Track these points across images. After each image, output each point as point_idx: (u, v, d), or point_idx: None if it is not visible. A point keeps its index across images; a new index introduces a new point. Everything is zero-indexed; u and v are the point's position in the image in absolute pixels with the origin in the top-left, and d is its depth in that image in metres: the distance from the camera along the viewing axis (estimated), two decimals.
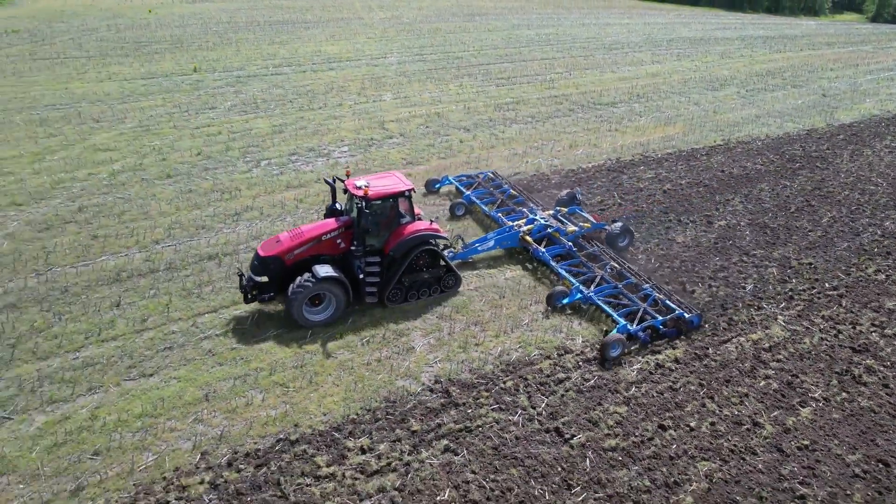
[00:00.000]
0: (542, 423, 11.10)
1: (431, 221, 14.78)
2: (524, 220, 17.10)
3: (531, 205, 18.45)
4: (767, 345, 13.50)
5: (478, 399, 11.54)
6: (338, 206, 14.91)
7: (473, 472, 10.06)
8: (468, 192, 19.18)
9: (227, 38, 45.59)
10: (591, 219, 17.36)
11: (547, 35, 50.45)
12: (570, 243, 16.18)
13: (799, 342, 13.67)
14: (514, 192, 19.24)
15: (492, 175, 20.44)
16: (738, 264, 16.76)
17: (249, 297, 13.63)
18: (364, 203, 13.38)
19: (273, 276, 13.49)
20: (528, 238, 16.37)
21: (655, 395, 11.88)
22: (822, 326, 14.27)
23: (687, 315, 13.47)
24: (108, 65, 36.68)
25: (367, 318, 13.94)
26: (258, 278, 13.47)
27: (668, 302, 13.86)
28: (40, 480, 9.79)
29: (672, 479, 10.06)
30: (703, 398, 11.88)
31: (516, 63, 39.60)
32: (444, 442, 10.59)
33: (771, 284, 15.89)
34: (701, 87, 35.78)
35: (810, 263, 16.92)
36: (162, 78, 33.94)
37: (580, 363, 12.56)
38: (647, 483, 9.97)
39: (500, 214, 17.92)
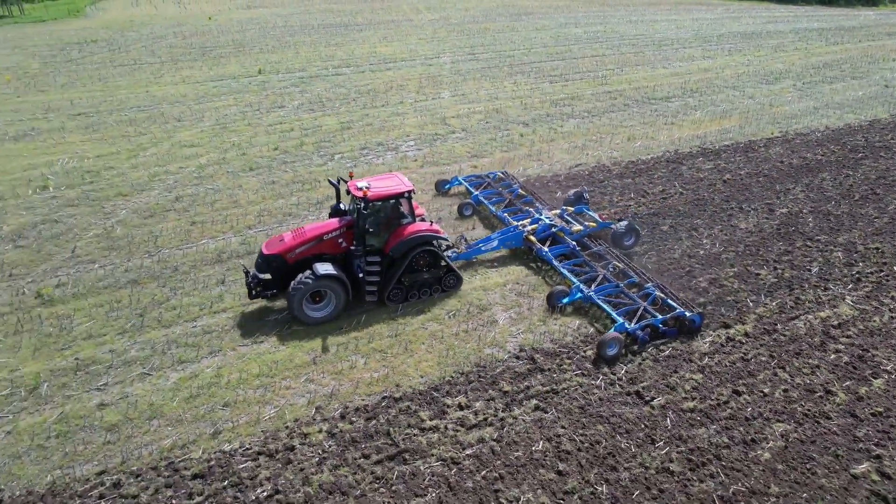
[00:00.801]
0: (622, 387, 11.99)
1: (432, 222, 14.91)
2: (529, 220, 17.08)
3: (537, 204, 18.29)
4: (836, 322, 14.02)
5: (561, 365, 12.49)
6: (342, 206, 15.19)
7: (563, 427, 11.02)
8: (476, 193, 19.26)
9: (284, 41, 47.63)
10: (597, 218, 17.24)
11: (595, 33, 50.85)
12: (573, 243, 16.08)
13: (868, 320, 14.13)
14: (522, 192, 19.20)
15: (502, 175, 20.47)
16: (801, 249, 17.21)
17: (254, 293, 13.99)
18: (363, 203, 13.77)
19: (276, 273, 13.90)
20: (531, 238, 16.33)
21: (728, 364, 12.60)
22: (892, 306, 14.67)
23: (688, 314, 13.25)
24: (179, 69, 38.99)
25: (450, 295, 15.01)
26: (262, 275, 13.89)
27: (669, 301, 13.70)
28: (184, 424, 11.23)
29: (749, 438, 10.81)
30: (774, 368, 12.53)
31: (567, 60, 40.26)
32: (534, 402, 11.58)
33: (837, 267, 16.30)
34: (755, 80, 35.75)
35: (877, 248, 17.23)
36: (230, 80, 35.96)
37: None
38: (726, 440, 10.74)
39: (505, 214, 17.93)
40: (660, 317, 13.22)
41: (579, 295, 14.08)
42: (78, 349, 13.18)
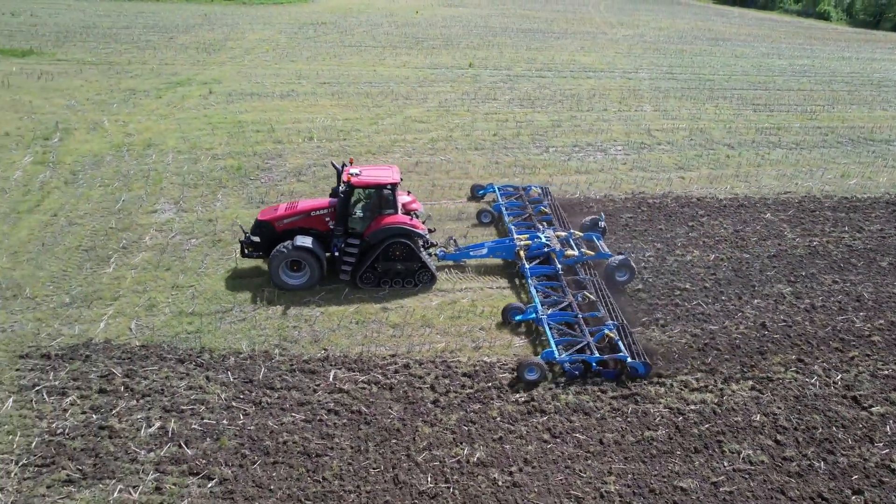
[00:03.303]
0: (837, 390, 12.93)
1: (412, 217, 15.75)
2: (527, 236, 17.15)
3: (543, 224, 18.31)
4: None
5: (772, 361, 13.67)
6: (340, 188, 15.86)
7: (779, 408, 12.30)
8: (501, 202, 19.63)
9: (487, 40, 51.17)
10: (600, 247, 16.95)
11: (801, 66, 48.77)
12: (559, 266, 15.96)
13: None
14: (545, 210, 19.12)
15: (538, 190, 20.43)
16: None
17: (245, 252, 15.58)
18: (347, 188, 14.99)
19: (264, 238, 15.34)
20: (521, 253, 16.45)
21: None
22: None
23: (629, 360, 12.74)
24: (398, 54, 43.76)
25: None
26: (253, 238, 15.43)
27: (619, 343, 13.19)
28: (450, 336, 14.05)
29: None
30: None
31: (771, 91, 39.43)
32: (750, 383, 12.94)
33: None
34: None
35: None
36: (444, 69, 39.84)
37: (872, 351, 14.08)
38: None
39: (512, 227, 18.12)
40: (596, 356, 12.91)
41: (532, 315, 14.12)
42: None
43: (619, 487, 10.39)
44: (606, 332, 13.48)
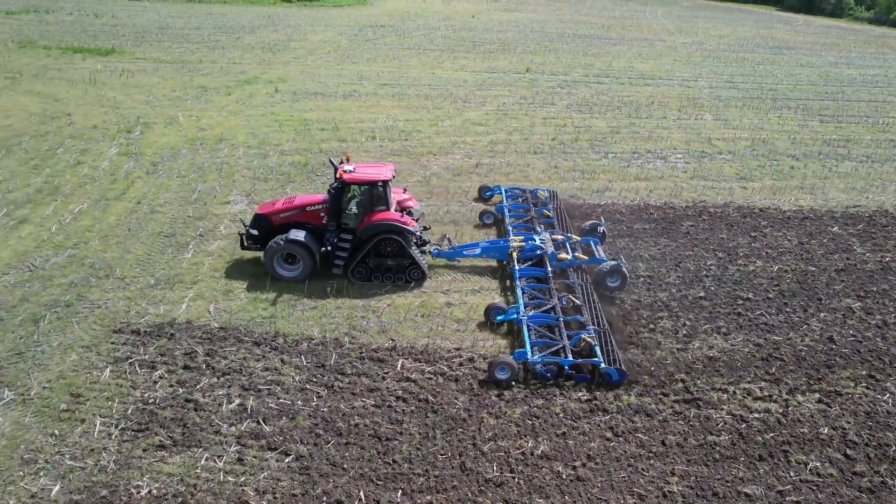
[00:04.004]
0: None
1: (403, 214, 16.13)
2: (522, 238, 17.14)
3: (541, 227, 18.35)
4: None
5: (840, 375, 13.47)
6: None
7: (847, 423, 12.13)
8: (504, 203, 19.79)
9: (544, 45, 51.26)
10: (596, 253, 16.64)
11: (873, 76, 46.96)
12: (550, 269, 15.95)
13: None
14: (548, 213, 19.12)
15: (545, 193, 20.39)
16: None
17: (244, 244, 16.25)
18: (339, 184, 15.45)
19: (262, 231, 15.95)
20: (514, 254, 16.50)
21: None
22: None
23: (603, 366, 12.66)
24: (456, 58, 44.34)
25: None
26: (252, 230, 16.07)
27: (596, 348, 13.10)
28: (513, 333, 14.37)
29: None
30: None
31: (839, 102, 38.19)
32: (817, 395, 12.80)
33: None
34: None
35: None
36: (501, 73, 40.19)
37: None
38: None
39: (510, 228, 18.25)
40: (569, 359, 12.90)
41: (514, 316, 14.27)
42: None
43: (682, 488, 10.51)
44: (584, 336, 13.49)
